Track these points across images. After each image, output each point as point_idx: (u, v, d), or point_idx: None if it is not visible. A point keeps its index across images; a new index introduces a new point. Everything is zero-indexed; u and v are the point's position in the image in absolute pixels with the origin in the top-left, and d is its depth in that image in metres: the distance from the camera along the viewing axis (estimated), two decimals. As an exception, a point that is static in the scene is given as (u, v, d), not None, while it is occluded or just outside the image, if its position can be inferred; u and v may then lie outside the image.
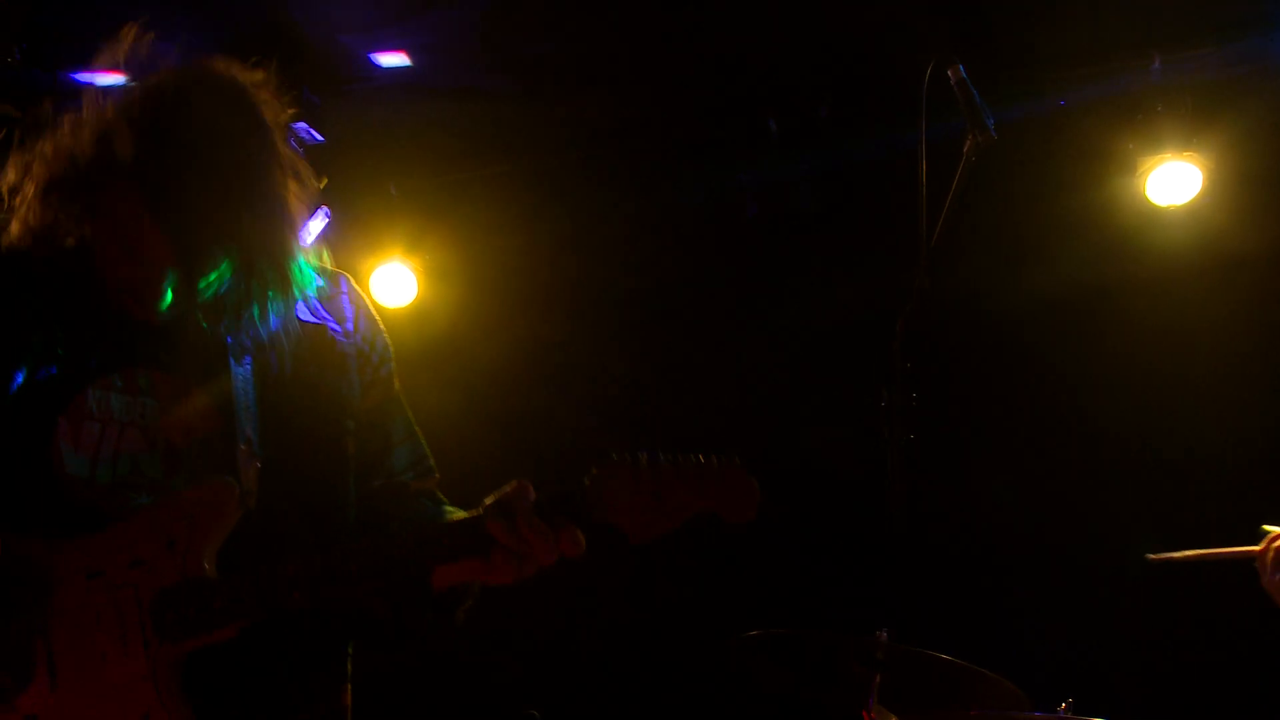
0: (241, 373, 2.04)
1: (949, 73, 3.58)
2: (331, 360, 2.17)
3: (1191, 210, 5.01)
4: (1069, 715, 3.30)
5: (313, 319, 2.18)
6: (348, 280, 2.29)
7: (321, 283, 2.21)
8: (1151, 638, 4.88)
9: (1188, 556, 3.40)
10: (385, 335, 2.30)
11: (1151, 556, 3.45)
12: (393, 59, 5.00)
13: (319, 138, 5.00)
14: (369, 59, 5.00)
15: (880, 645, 3.33)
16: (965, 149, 3.56)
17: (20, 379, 2.00)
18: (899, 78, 4.67)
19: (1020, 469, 5.17)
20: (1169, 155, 4.91)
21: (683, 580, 5.52)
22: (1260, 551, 3.18)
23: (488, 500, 1.96)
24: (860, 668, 3.40)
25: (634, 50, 5.12)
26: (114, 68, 2.09)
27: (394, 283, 5.63)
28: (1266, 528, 3.25)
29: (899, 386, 3.64)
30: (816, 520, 5.37)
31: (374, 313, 2.30)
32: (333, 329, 2.20)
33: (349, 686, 2.20)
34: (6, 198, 2.06)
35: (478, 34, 4.95)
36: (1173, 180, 4.94)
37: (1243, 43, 4.97)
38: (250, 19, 4.79)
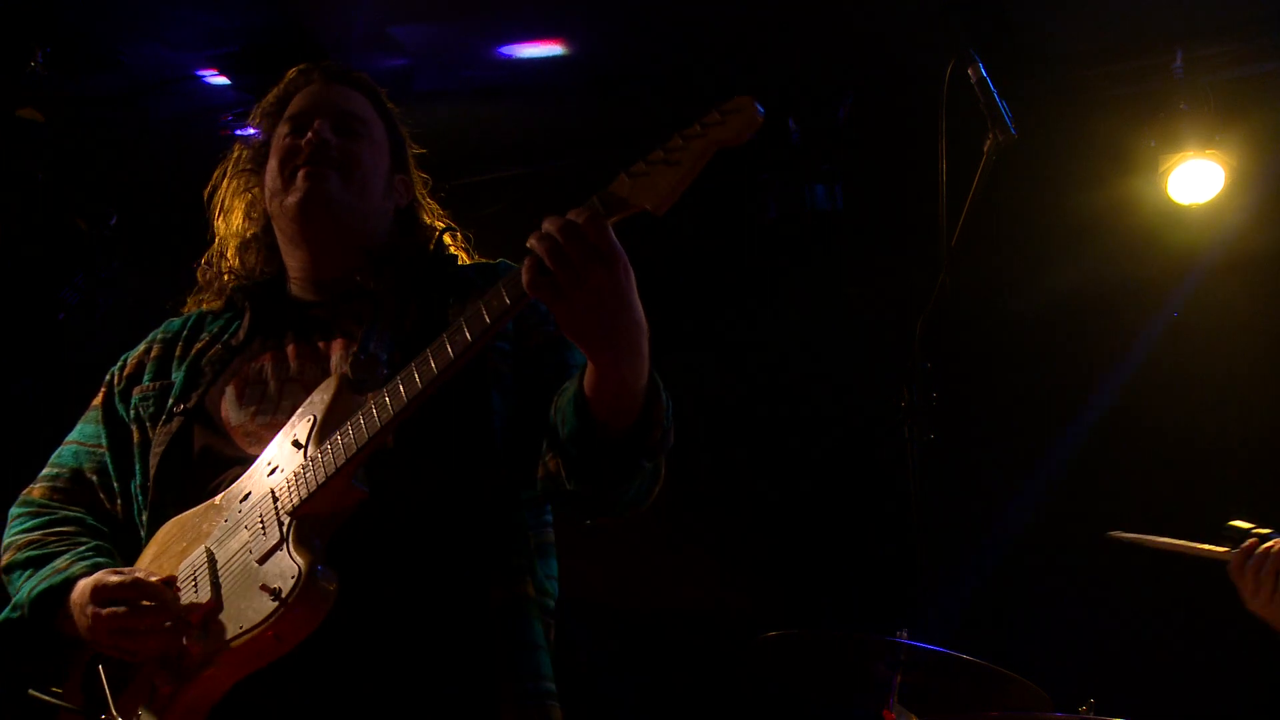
0: (377, 331, 2.28)
1: (969, 71, 3.57)
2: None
3: (1213, 208, 4.99)
4: (1091, 717, 3.29)
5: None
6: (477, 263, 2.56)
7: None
8: (1175, 639, 4.85)
9: (1154, 543, 3.31)
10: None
11: (1114, 534, 3.37)
12: (544, 48, 4.97)
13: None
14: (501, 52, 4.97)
15: (901, 645, 3.32)
16: (985, 148, 3.55)
17: (203, 362, 2.38)
18: (919, 77, 4.66)
19: (1040, 468, 5.15)
20: (1191, 153, 4.88)
21: (702, 581, 5.52)
22: (1235, 564, 3.03)
23: None
24: (881, 668, 3.39)
25: (652, 51, 5.12)
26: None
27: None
28: (1236, 524, 3.10)
29: (919, 386, 3.64)
30: (837, 519, 5.36)
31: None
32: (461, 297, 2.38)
33: (530, 580, 2.20)
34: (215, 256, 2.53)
35: (498, 36, 4.97)
36: (1195, 178, 4.92)
37: (1266, 39, 4.95)
38: (272, 21, 4.81)
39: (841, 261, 5.51)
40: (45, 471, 2.45)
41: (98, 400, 2.47)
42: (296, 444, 2.11)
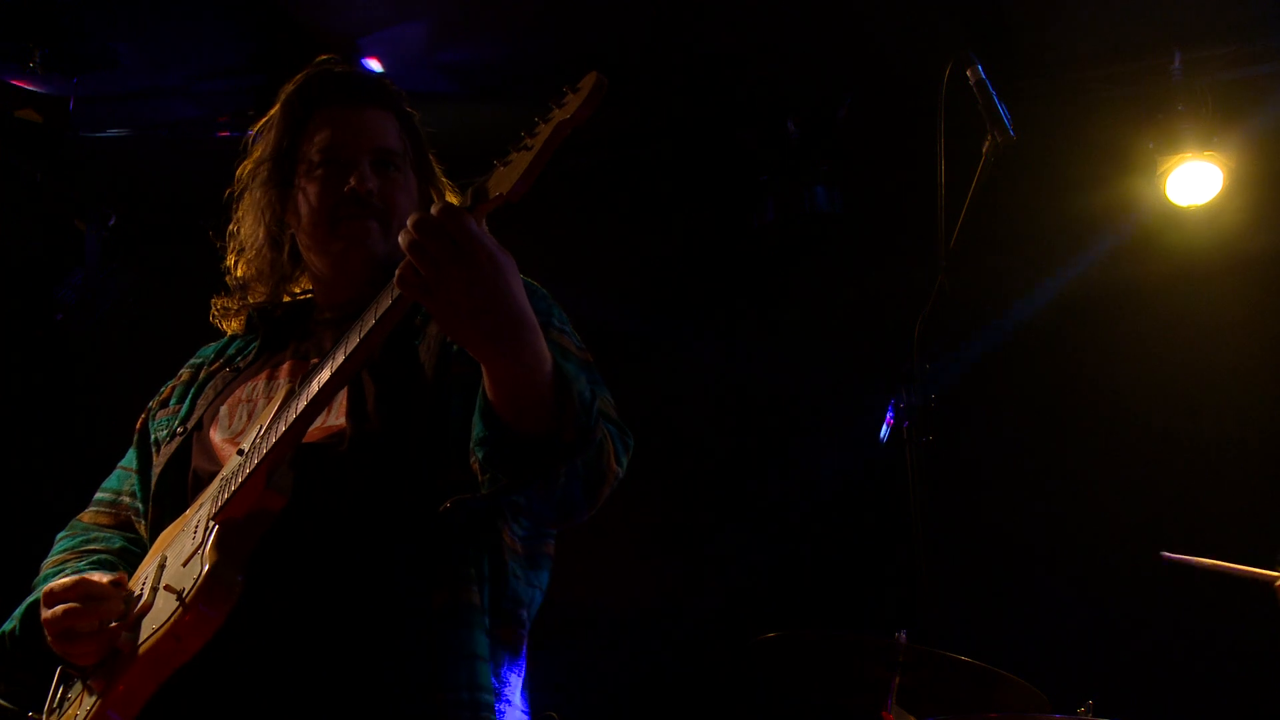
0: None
1: (967, 73, 3.57)
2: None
3: (1212, 210, 4.99)
4: (1089, 718, 3.29)
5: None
6: None
7: None
8: (1172, 640, 4.85)
9: (1203, 564, 3.38)
10: None
11: (1167, 555, 3.43)
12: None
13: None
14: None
15: (899, 646, 3.32)
16: (984, 149, 3.55)
17: (209, 383, 2.44)
18: (918, 79, 4.66)
19: (1038, 469, 5.15)
20: (1189, 155, 4.89)
21: (701, 582, 5.52)
22: None
23: None
24: (879, 669, 3.39)
25: (653, 53, 5.12)
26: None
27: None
28: None
29: (918, 387, 3.64)
30: (836, 520, 5.36)
31: None
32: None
33: (479, 588, 2.13)
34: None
35: (500, 34, 4.97)
36: (1193, 180, 4.93)
37: (1264, 41, 4.95)
38: (265, 22, 4.81)
39: (840, 263, 5.51)
40: (95, 496, 2.53)
41: (138, 425, 2.53)
42: (240, 453, 2.14)
